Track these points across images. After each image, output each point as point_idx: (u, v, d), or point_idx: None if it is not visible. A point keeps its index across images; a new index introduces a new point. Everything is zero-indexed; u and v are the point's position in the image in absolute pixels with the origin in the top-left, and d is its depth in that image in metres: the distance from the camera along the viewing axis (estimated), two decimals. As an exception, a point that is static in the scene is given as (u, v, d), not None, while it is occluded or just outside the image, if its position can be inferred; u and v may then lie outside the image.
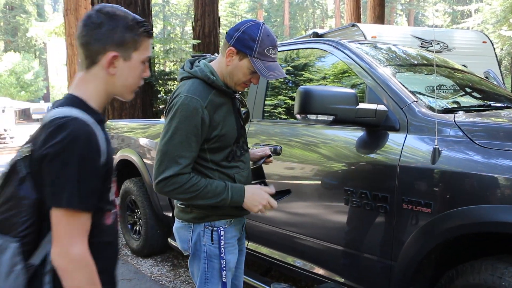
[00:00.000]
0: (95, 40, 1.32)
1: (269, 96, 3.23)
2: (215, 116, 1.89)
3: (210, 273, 1.99)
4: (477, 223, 1.81)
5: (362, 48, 2.84)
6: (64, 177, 1.19)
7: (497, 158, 1.84)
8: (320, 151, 2.60)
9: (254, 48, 1.85)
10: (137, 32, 1.37)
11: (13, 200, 1.22)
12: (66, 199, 1.20)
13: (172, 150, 1.82)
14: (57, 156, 1.19)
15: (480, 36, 7.71)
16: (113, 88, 1.39)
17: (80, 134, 1.21)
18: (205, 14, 11.26)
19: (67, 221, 1.21)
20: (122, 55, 1.35)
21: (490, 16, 25.40)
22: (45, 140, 1.20)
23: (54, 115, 1.24)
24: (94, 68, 1.35)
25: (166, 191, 1.84)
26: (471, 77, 3.19)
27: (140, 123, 4.69)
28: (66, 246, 1.20)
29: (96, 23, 1.33)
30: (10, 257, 1.20)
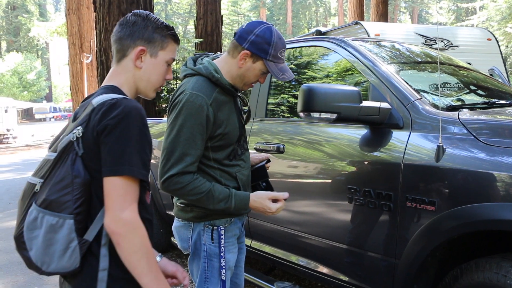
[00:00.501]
0: (127, 36, 1.49)
1: (272, 95, 3.22)
2: (219, 114, 1.89)
3: (210, 272, 1.98)
4: (482, 221, 1.80)
5: (366, 45, 2.83)
6: (123, 146, 1.29)
7: (501, 156, 1.82)
8: (324, 149, 2.59)
9: (269, 52, 1.87)
10: (165, 33, 1.53)
11: (66, 179, 1.28)
12: (126, 167, 1.28)
13: (177, 148, 1.81)
14: (116, 128, 1.28)
15: (485, 33, 7.68)
16: (140, 82, 1.52)
17: (133, 109, 1.32)
18: (208, 13, 11.26)
19: (122, 188, 1.28)
20: (149, 50, 1.50)
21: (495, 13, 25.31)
22: (101, 117, 1.30)
23: (101, 99, 1.35)
24: (124, 60, 1.50)
25: (171, 189, 1.83)
26: (475, 75, 3.17)
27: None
28: (119, 211, 1.27)
29: (131, 21, 1.51)
30: (67, 233, 1.27)
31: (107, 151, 1.28)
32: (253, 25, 1.92)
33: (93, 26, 14.79)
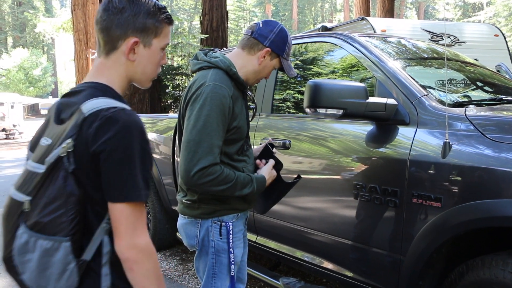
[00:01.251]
0: (116, 26, 1.31)
1: (277, 90, 3.22)
2: (235, 108, 1.91)
3: (218, 267, 1.99)
4: (488, 218, 1.80)
5: (372, 41, 2.82)
6: (126, 171, 1.20)
7: (508, 152, 1.81)
8: (329, 145, 2.59)
9: (285, 50, 2.01)
10: (158, 18, 1.36)
11: (59, 199, 1.19)
12: (131, 193, 1.21)
13: (206, 138, 1.78)
14: (117, 149, 1.18)
15: (492, 29, 7.63)
16: (133, 74, 1.39)
17: (132, 125, 1.21)
18: (213, 8, 11.25)
19: (132, 213, 1.22)
20: (142, 41, 1.35)
21: (503, 9, 25.14)
22: (97, 134, 1.18)
23: (93, 107, 1.22)
24: (114, 54, 1.34)
25: (201, 182, 1.79)
26: (482, 71, 3.15)
27: (148, 117, 4.69)
28: (133, 237, 1.22)
29: (118, 8, 1.31)
30: (63, 256, 1.19)
31: (111, 175, 1.19)
32: (271, 24, 2.02)
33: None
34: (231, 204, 1.99)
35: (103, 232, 1.24)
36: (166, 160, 3.99)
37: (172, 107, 9.92)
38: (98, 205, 1.23)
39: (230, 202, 1.98)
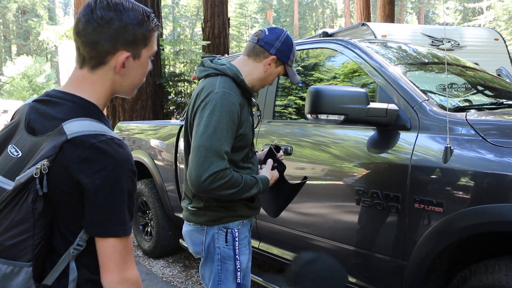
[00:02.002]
0: (104, 40, 1.18)
1: (279, 97, 3.23)
2: (241, 115, 1.92)
3: (224, 274, 1.99)
4: (490, 223, 1.80)
5: (372, 47, 2.83)
6: (117, 204, 1.16)
7: (509, 157, 1.82)
8: (331, 151, 2.59)
9: (290, 58, 2.04)
10: (148, 27, 1.25)
11: (27, 221, 1.11)
12: (123, 228, 1.17)
13: (216, 144, 1.79)
14: (105, 185, 1.13)
15: (492, 33, 7.64)
16: (120, 87, 1.29)
17: (123, 159, 1.16)
18: (215, 15, 11.29)
19: (120, 248, 1.17)
20: (132, 54, 1.24)
21: (502, 13, 25.15)
22: (83, 164, 1.12)
23: (78, 130, 1.14)
24: (101, 69, 1.22)
25: (212, 187, 1.78)
26: (483, 75, 3.16)
27: (151, 124, 4.71)
28: (124, 272, 1.19)
29: (105, 19, 1.18)
30: (23, 282, 1.12)
31: (96, 209, 1.14)
32: (277, 32, 2.04)
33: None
34: (237, 211, 1.99)
35: (69, 258, 1.18)
36: (168, 167, 4.00)
37: (174, 113, 9.94)
38: (67, 230, 1.18)
39: (236, 209, 1.99)
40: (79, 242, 1.17)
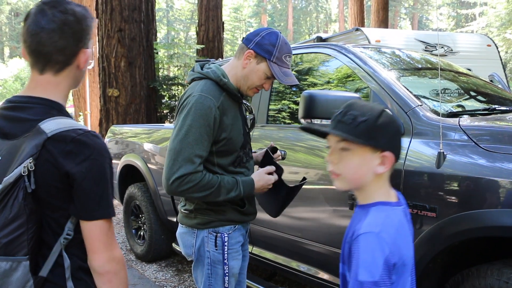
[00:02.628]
0: (72, 45, 1.28)
1: (273, 101, 3.23)
2: (225, 119, 1.90)
3: (214, 279, 1.98)
4: (483, 228, 1.80)
5: (366, 52, 2.84)
6: (102, 189, 1.26)
7: (502, 162, 1.83)
8: (325, 155, 2.60)
9: (273, 53, 1.91)
10: (91, 20, 1.35)
11: (20, 218, 1.18)
12: (107, 210, 1.28)
13: (186, 148, 1.80)
14: (91, 172, 1.23)
15: (485, 39, 7.70)
16: (77, 81, 1.37)
17: (102, 147, 1.27)
18: (209, 19, 11.31)
19: (106, 229, 1.28)
20: (86, 47, 1.34)
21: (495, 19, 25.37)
22: (69, 157, 1.21)
23: (56, 129, 1.22)
24: (66, 70, 1.31)
25: (180, 190, 1.81)
26: (475, 81, 3.18)
27: (144, 128, 4.70)
28: (111, 251, 1.28)
29: (67, 25, 1.26)
30: (22, 276, 1.20)
31: (85, 195, 1.24)
32: (261, 29, 1.98)
33: (95, 32, 14.83)
34: (227, 215, 1.98)
35: (60, 248, 1.27)
36: (162, 171, 3.97)
37: (168, 117, 9.93)
38: (55, 222, 1.26)
39: (225, 213, 1.98)
40: (68, 231, 1.27)
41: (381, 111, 1.38)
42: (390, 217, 1.35)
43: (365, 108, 1.38)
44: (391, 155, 1.36)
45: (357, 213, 1.47)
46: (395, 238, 1.30)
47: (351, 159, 1.38)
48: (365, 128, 1.33)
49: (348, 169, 1.39)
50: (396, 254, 1.28)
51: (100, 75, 8.50)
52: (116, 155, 4.84)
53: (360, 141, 1.34)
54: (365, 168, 1.38)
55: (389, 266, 1.26)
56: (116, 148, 4.90)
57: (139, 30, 8.40)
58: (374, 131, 1.34)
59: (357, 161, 1.37)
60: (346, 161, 1.39)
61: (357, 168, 1.38)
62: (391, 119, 1.40)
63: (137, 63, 8.37)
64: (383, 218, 1.33)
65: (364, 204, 1.43)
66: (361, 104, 1.40)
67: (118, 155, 4.79)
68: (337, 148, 1.40)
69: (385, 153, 1.36)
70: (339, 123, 1.38)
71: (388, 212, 1.36)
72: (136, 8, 8.34)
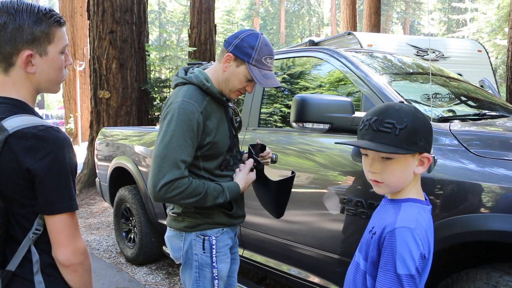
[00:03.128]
0: (4, 43, 1.26)
1: (265, 104, 3.23)
2: (209, 123, 1.90)
3: (202, 282, 1.98)
4: (472, 232, 1.81)
5: (358, 56, 2.86)
6: (63, 182, 1.27)
7: (491, 167, 1.84)
8: (316, 159, 2.60)
9: (252, 56, 1.88)
10: (47, 24, 1.30)
11: None
12: (70, 203, 1.29)
13: (171, 154, 1.79)
14: (52, 166, 1.23)
15: (475, 45, 7.77)
16: (39, 85, 1.35)
17: (63, 142, 1.27)
18: (201, 22, 11.30)
19: (70, 222, 1.29)
20: (37, 51, 1.30)
21: (485, 25, 25.61)
22: (29, 153, 1.22)
23: (17, 125, 1.23)
24: (13, 70, 1.30)
25: (168, 196, 1.80)
26: (466, 86, 3.20)
27: (135, 130, 4.68)
28: (76, 243, 1.31)
29: (0, 24, 1.25)
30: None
31: (47, 190, 1.24)
32: (241, 31, 1.95)
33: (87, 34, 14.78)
34: (214, 218, 1.98)
35: (29, 243, 1.29)
36: (152, 173, 3.96)
37: (159, 119, 9.90)
38: (23, 218, 1.28)
39: (213, 216, 1.98)
40: (37, 227, 1.29)
41: (415, 113, 1.42)
42: (422, 214, 1.43)
43: (400, 113, 1.41)
44: (429, 155, 1.43)
45: (385, 207, 1.54)
46: (427, 234, 1.39)
47: (395, 168, 1.43)
48: (406, 135, 1.38)
49: (392, 177, 1.45)
50: (427, 249, 1.37)
51: (91, 76, 8.46)
52: (107, 157, 4.81)
53: (405, 152, 1.39)
54: (407, 173, 1.44)
55: (423, 260, 1.35)
56: (106, 151, 4.88)
57: (131, 32, 8.38)
58: (414, 136, 1.39)
59: (401, 168, 1.43)
60: (390, 170, 1.44)
61: (401, 174, 1.44)
62: (424, 118, 1.44)
63: (128, 65, 8.34)
64: (417, 215, 1.41)
65: (395, 199, 1.49)
66: (394, 109, 1.43)
67: (108, 157, 4.76)
68: (378, 157, 1.43)
69: (424, 155, 1.43)
70: (378, 133, 1.40)
71: (419, 209, 1.44)
72: (128, 9, 8.31)
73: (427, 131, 1.45)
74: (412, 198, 1.47)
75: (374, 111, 1.46)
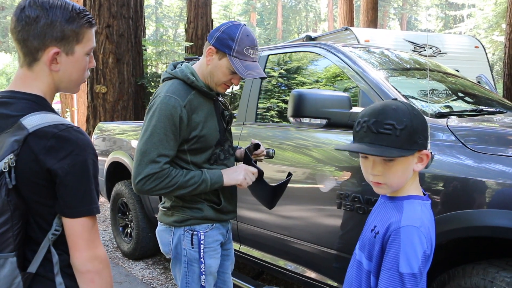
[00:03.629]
0: (33, 37, 1.23)
1: (262, 99, 3.23)
2: (194, 117, 1.90)
3: (191, 277, 1.99)
4: (469, 228, 1.81)
5: (355, 52, 2.85)
6: (85, 185, 1.24)
7: (488, 163, 1.84)
8: (313, 154, 2.60)
9: (233, 47, 1.87)
10: (78, 23, 1.28)
11: (4, 215, 1.18)
12: (91, 207, 1.25)
13: (151, 148, 1.82)
14: (74, 167, 1.21)
15: (473, 41, 7.77)
16: (60, 83, 1.33)
17: (85, 143, 1.24)
18: (198, 17, 11.26)
19: (90, 227, 1.25)
20: (64, 50, 1.27)
21: (482, 21, 25.65)
22: (50, 153, 1.19)
23: (38, 124, 1.21)
24: (37, 65, 1.27)
25: (146, 189, 1.83)
26: (463, 82, 3.20)
27: (132, 125, 4.66)
28: (94, 249, 1.26)
29: (32, 17, 1.22)
30: (9, 272, 1.19)
31: (68, 192, 1.22)
32: (223, 24, 1.94)
33: None
34: (203, 213, 1.99)
35: (48, 243, 1.26)
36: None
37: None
38: (42, 218, 1.25)
39: (201, 211, 1.98)
40: (56, 227, 1.25)
41: (412, 111, 1.41)
42: (424, 211, 1.43)
43: (398, 113, 1.40)
44: (427, 152, 1.43)
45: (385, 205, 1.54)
46: (430, 232, 1.39)
47: (396, 169, 1.43)
48: (407, 135, 1.38)
49: (394, 177, 1.44)
50: (429, 247, 1.37)
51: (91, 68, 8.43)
52: (103, 152, 4.80)
53: (409, 153, 1.39)
54: (408, 172, 1.44)
55: (426, 259, 1.36)
56: (103, 145, 4.86)
57: (127, 27, 8.34)
58: (414, 136, 1.39)
59: (403, 168, 1.43)
60: (392, 171, 1.43)
61: (403, 174, 1.44)
62: (420, 115, 1.44)
63: (125, 60, 8.31)
64: (420, 213, 1.41)
65: (395, 197, 1.48)
66: (392, 108, 1.41)
67: (105, 152, 4.75)
68: (380, 159, 1.43)
69: (423, 152, 1.43)
70: (378, 135, 1.39)
71: (422, 206, 1.44)
72: (124, 4, 8.27)
73: (425, 128, 1.44)
74: (412, 195, 1.47)
75: (370, 112, 1.44)
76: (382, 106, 1.45)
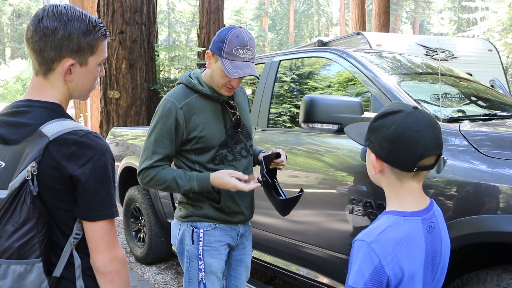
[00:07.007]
0: (50, 48, 1.26)
1: (274, 104, 3.23)
2: (194, 118, 1.99)
3: (192, 273, 2.06)
4: (483, 233, 1.80)
5: (367, 56, 2.85)
6: (105, 189, 1.28)
7: (502, 168, 1.83)
8: (325, 159, 2.60)
9: (222, 49, 1.92)
10: (94, 36, 1.31)
11: (30, 221, 1.21)
12: (111, 210, 1.29)
13: (148, 146, 2.01)
14: (95, 172, 1.25)
15: (486, 44, 7.70)
16: (73, 92, 1.37)
17: (104, 148, 1.28)
18: (210, 22, 11.31)
19: (109, 229, 1.30)
20: (78, 61, 1.31)
21: (496, 24, 25.39)
22: (71, 160, 1.22)
23: (58, 131, 1.23)
24: (52, 74, 1.30)
25: (144, 182, 2.01)
26: (476, 86, 3.18)
27: (144, 130, 4.70)
28: (114, 251, 1.31)
29: (50, 29, 1.24)
30: (36, 277, 1.23)
31: (90, 197, 1.25)
32: (223, 28, 1.99)
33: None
34: (203, 210, 2.04)
35: (71, 247, 1.30)
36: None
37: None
38: (63, 223, 1.29)
39: (202, 208, 2.05)
40: (77, 231, 1.30)
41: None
42: (395, 228, 1.29)
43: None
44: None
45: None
46: (394, 251, 1.25)
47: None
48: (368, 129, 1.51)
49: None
50: (391, 267, 1.23)
51: (101, 77, 8.51)
52: (117, 157, 4.84)
53: (360, 141, 1.53)
54: (370, 168, 1.49)
55: (380, 278, 1.23)
56: (116, 150, 4.91)
57: (140, 32, 8.41)
58: (369, 133, 1.50)
59: (367, 161, 1.52)
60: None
61: (368, 166, 1.51)
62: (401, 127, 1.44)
63: (138, 65, 8.38)
64: (381, 228, 1.29)
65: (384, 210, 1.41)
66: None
67: (118, 157, 4.79)
68: None
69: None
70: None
71: (395, 223, 1.31)
72: (137, 10, 8.35)
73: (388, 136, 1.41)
74: (390, 210, 1.36)
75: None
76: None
